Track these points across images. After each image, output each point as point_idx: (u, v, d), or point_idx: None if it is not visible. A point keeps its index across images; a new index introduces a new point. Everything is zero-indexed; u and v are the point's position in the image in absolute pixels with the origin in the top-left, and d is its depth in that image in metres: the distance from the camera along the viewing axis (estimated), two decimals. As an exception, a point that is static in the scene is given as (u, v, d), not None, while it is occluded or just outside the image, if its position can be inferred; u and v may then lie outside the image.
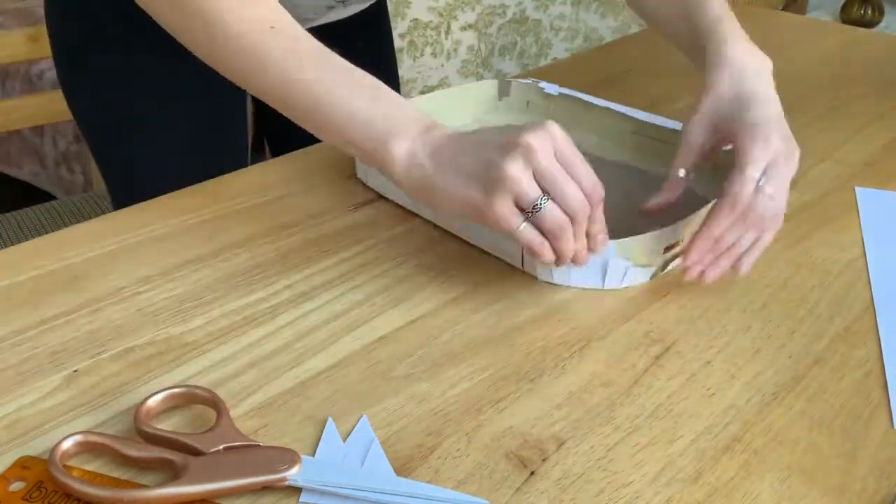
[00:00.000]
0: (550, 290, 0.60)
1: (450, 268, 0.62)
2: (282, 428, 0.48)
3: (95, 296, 0.59)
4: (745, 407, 0.50)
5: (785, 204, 0.59)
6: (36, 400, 0.49)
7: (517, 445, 0.47)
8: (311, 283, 0.60)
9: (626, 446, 0.47)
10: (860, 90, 0.97)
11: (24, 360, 0.53)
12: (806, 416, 0.49)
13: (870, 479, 0.45)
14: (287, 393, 0.50)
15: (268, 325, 0.56)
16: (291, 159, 0.79)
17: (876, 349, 0.55)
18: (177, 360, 0.53)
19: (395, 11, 2.34)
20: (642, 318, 0.57)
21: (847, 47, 1.14)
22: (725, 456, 0.46)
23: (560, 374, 0.52)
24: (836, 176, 0.77)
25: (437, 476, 0.45)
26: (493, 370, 0.52)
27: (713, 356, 0.54)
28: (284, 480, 0.43)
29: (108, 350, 0.54)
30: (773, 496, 0.44)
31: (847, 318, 0.58)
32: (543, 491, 0.44)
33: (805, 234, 0.67)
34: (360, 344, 0.55)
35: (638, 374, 0.52)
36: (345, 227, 0.67)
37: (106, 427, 0.48)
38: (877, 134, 0.85)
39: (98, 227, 0.68)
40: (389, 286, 0.60)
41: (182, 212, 0.69)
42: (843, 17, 2.47)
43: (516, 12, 2.68)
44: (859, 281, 0.62)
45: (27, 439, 0.47)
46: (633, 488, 0.44)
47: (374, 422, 0.48)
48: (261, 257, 0.63)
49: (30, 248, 0.64)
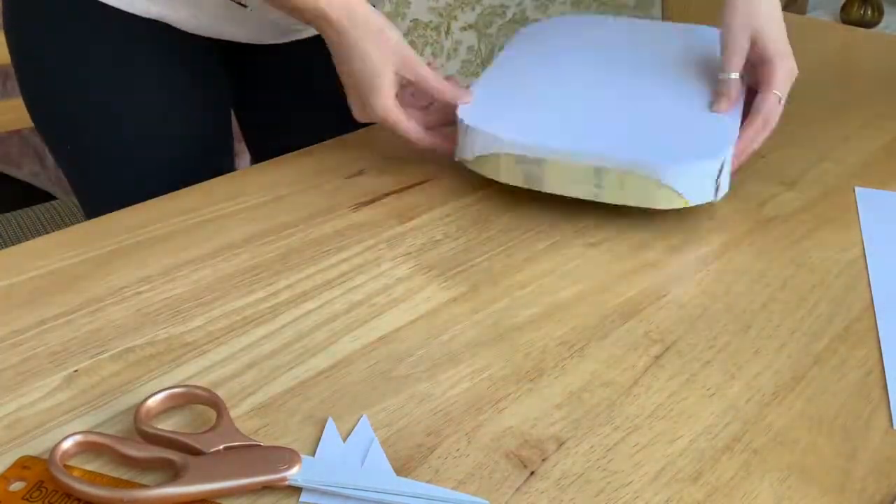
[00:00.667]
0: (550, 290, 0.60)
1: (450, 268, 0.62)
2: (282, 428, 0.48)
3: (95, 296, 0.58)
4: (745, 407, 0.50)
5: None
6: (36, 400, 0.49)
7: (517, 445, 0.47)
8: (311, 283, 0.60)
9: (626, 446, 0.47)
10: (860, 90, 0.97)
11: (24, 360, 0.53)
12: (806, 416, 0.49)
13: (870, 479, 0.45)
14: (287, 393, 0.50)
15: (268, 325, 0.56)
16: (291, 159, 0.79)
17: (876, 349, 0.55)
18: (177, 360, 0.53)
19: (395, 11, 2.34)
20: (642, 318, 0.57)
21: (847, 47, 1.14)
22: (725, 456, 0.46)
23: (560, 374, 0.52)
24: (836, 176, 0.77)
25: (437, 476, 0.45)
26: (493, 370, 0.52)
27: (713, 356, 0.54)
28: (285, 480, 0.43)
29: (108, 350, 0.54)
30: (773, 496, 0.44)
31: (847, 318, 0.58)
32: (543, 491, 0.44)
33: (805, 234, 0.67)
34: (360, 344, 0.55)
35: (638, 374, 0.52)
36: (345, 227, 0.67)
37: (106, 427, 0.48)
38: (877, 134, 0.85)
39: (98, 226, 0.68)
40: (389, 286, 0.60)
41: (182, 212, 0.69)
42: (843, 17, 2.47)
43: (516, 12, 2.67)
44: (859, 281, 0.62)
45: (27, 439, 0.47)
46: (633, 488, 0.44)
47: (374, 422, 0.48)
48: (261, 257, 0.63)
49: (30, 248, 0.64)
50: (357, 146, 0.80)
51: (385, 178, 0.75)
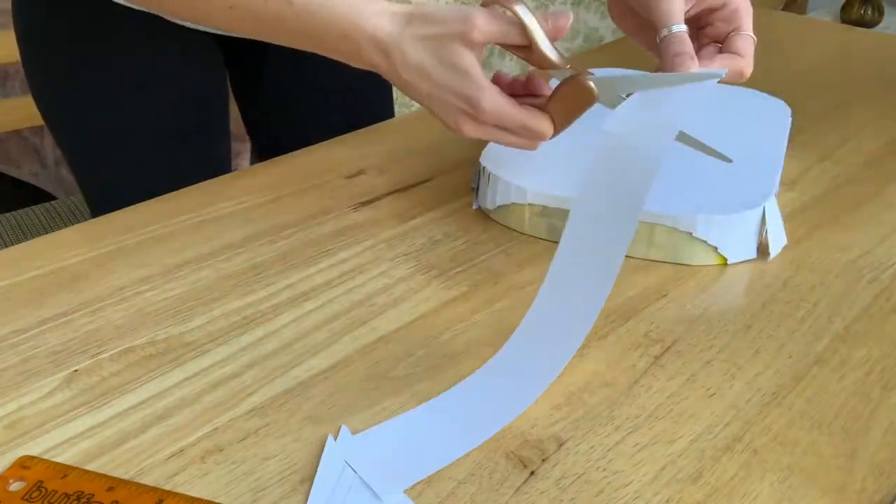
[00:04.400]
0: (550, 290, 0.60)
1: (450, 268, 0.62)
2: (282, 428, 0.48)
3: (95, 296, 0.59)
4: (745, 407, 0.50)
5: None
6: (36, 400, 0.49)
7: (517, 445, 0.47)
8: (311, 283, 0.60)
9: (626, 446, 0.47)
10: (860, 90, 0.97)
11: (24, 360, 0.53)
12: (806, 416, 0.49)
13: (870, 479, 0.45)
14: (287, 393, 0.50)
15: (268, 325, 0.56)
16: (291, 159, 0.79)
17: (876, 349, 0.55)
18: (177, 360, 0.53)
19: (395, 11, 2.34)
20: (642, 318, 0.57)
21: (847, 47, 1.14)
22: (725, 456, 0.46)
23: (560, 374, 0.52)
24: (835, 176, 0.77)
25: (437, 476, 0.45)
26: (493, 370, 0.52)
27: (713, 356, 0.54)
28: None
29: (108, 350, 0.54)
30: (773, 496, 0.44)
31: (847, 317, 0.58)
32: (543, 491, 0.44)
33: (805, 234, 0.67)
34: (360, 344, 0.55)
35: (638, 374, 0.52)
36: (345, 227, 0.67)
37: (106, 427, 0.48)
38: (877, 134, 0.85)
39: (98, 227, 0.68)
40: (389, 286, 0.60)
41: (182, 212, 0.69)
42: (843, 17, 2.47)
43: (516, 12, 2.67)
44: (859, 281, 0.62)
45: (27, 439, 0.47)
46: (633, 488, 0.44)
47: (374, 422, 0.48)
48: (261, 257, 0.63)
49: (30, 248, 0.64)
50: (357, 146, 0.80)
51: (385, 178, 0.75)
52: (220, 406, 0.49)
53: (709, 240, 0.62)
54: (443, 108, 0.58)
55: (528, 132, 0.58)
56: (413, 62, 0.57)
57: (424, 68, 0.57)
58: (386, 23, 0.57)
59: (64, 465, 0.45)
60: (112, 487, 0.43)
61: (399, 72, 0.58)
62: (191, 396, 0.50)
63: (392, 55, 0.58)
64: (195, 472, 0.45)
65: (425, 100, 0.59)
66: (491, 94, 0.57)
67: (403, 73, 0.58)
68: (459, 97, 0.57)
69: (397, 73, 0.58)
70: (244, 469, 0.45)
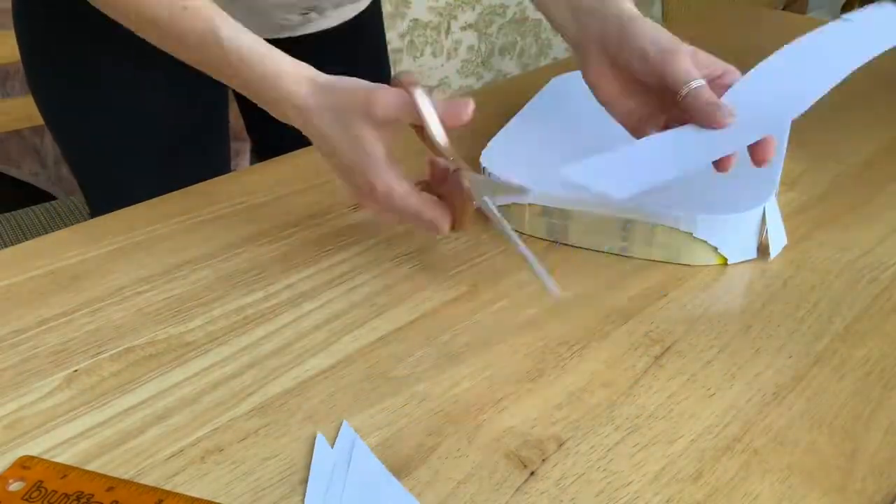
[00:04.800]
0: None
1: (450, 268, 0.62)
2: (282, 428, 0.48)
3: (95, 296, 0.59)
4: (745, 407, 0.50)
5: None
6: (36, 400, 0.49)
7: (517, 445, 0.47)
8: (311, 283, 0.60)
9: (626, 446, 0.47)
10: (860, 90, 0.97)
11: (24, 360, 0.53)
12: (806, 416, 0.49)
13: (870, 479, 0.45)
14: (287, 393, 0.50)
15: (268, 325, 0.56)
16: (291, 159, 0.79)
17: (876, 349, 0.55)
18: (177, 360, 0.53)
19: (395, 11, 2.34)
20: (642, 318, 0.57)
21: (847, 47, 1.13)
22: (725, 456, 0.46)
23: (560, 374, 0.52)
24: (836, 176, 0.77)
25: (437, 476, 0.45)
26: (493, 370, 0.52)
27: (713, 356, 0.54)
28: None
29: (108, 350, 0.54)
30: (773, 496, 0.44)
31: (847, 317, 0.58)
32: (543, 491, 0.44)
33: (805, 234, 0.67)
34: (360, 344, 0.55)
35: (638, 374, 0.52)
36: (345, 227, 0.67)
37: (106, 427, 0.48)
38: (877, 134, 0.85)
39: (98, 227, 0.68)
40: (389, 286, 0.60)
41: (182, 212, 0.69)
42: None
43: (516, 12, 2.68)
44: (859, 281, 0.62)
45: (27, 439, 0.47)
46: (633, 488, 0.44)
47: (374, 422, 0.48)
48: (261, 257, 0.63)
49: (30, 248, 0.64)
50: (357, 146, 0.80)
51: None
52: (220, 406, 0.49)
53: (709, 240, 0.62)
54: (347, 180, 0.59)
55: (422, 222, 0.58)
56: (323, 131, 0.58)
57: (333, 139, 0.58)
58: (304, 88, 0.58)
59: (64, 465, 0.45)
60: (112, 487, 0.43)
61: (311, 135, 0.59)
62: (191, 396, 0.50)
63: (307, 119, 0.58)
64: (195, 472, 0.45)
65: (335, 168, 0.60)
66: (385, 181, 0.57)
67: (314, 138, 0.59)
68: (360, 175, 0.57)
69: (311, 136, 0.59)
70: (244, 469, 0.45)
